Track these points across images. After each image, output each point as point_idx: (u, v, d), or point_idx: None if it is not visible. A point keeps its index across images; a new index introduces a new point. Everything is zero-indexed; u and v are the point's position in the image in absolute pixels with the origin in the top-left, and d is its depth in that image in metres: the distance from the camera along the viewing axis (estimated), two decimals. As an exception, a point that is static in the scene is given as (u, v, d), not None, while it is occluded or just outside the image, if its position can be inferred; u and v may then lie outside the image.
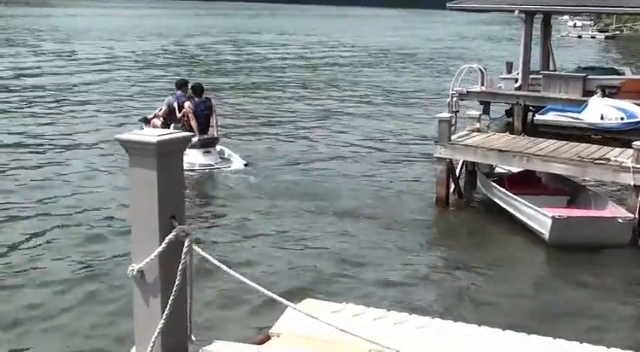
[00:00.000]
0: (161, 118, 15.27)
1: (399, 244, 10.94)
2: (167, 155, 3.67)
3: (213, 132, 15.06)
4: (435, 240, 11.65)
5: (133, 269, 3.70)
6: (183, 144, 3.84)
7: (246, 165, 15.04)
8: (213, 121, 15.11)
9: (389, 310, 5.37)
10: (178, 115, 14.97)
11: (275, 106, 24.45)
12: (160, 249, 3.62)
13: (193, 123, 14.67)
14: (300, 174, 14.95)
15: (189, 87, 15.44)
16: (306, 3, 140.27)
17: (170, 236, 3.64)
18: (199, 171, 14.41)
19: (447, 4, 23.02)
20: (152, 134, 3.69)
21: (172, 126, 14.29)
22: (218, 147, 15.25)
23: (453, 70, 22.08)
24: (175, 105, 15.19)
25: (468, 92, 20.44)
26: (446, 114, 13.78)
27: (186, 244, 3.68)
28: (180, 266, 3.65)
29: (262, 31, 67.35)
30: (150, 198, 3.65)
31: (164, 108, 15.42)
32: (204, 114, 14.91)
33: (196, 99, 14.95)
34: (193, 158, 14.36)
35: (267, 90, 28.71)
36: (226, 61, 40.36)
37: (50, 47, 43.62)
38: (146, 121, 16.21)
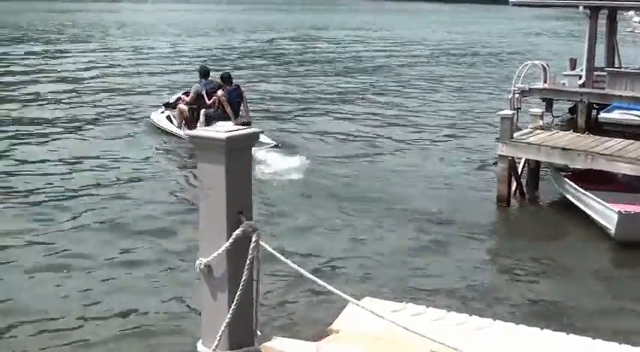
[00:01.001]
0: (186, 104, 16.31)
1: (456, 242, 10.82)
2: (236, 151, 3.70)
3: (244, 116, 15.92)
4: (494, 239, 11.50)
5: (200, 264, 3.75)
6: (252, 140, 3.87)
7: (278, 146, 15.50)
8: (243, 107, 16.12)
9: (449, 311, 5.33)
10: (208, 102, 15.91)
11: (338, 99, 24.52)
12: (227, 244, 3.66)
13: (228, 109, 15.62)
14: (351, 167, 15.03)
15: (220, 77, 16.45)
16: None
17: (237, 231, 3.67)
18: None
19: (510, 0, 22.70)
20: (222, 130, 3.71)
21: (203, 111, 15.64)
22: None
23: (515, 67, 21.74)
24: (204, 92, 16.06)
25: (530, 89, 20.08)
26: (508, 112, 13.54)
27: (253, 239, 3.71)
28: (247, 262, 3.69)
29: (325, 26, 67.03)
30: (218, 194, 3.69)
31: (192, 95, 16.33)
32: (235, 101, 15.95)
33: (227, 87, 15.99)
34: None
35: (332, 85, 28.70)
36: (291, 57, 40.11)
37: (122, 44, 43.78)
38: (168, 106, 17.43)
